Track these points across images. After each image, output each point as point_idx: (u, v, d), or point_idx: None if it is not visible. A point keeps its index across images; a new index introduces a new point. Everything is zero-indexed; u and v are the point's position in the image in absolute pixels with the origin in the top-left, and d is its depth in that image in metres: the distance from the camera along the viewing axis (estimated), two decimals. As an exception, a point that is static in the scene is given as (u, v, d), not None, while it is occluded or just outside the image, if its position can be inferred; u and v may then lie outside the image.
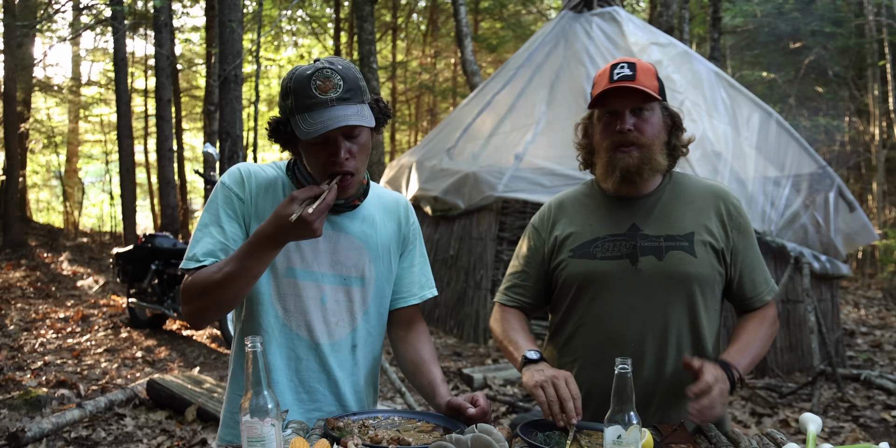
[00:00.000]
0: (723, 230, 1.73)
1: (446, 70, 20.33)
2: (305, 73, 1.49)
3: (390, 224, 1.75)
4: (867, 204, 14.37)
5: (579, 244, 1.76)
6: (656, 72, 1.71)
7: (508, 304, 1.88)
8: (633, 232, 1.72)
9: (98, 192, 21.08)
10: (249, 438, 1.22)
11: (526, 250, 1.88)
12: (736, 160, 6.31)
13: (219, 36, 6.69)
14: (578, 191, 1.87)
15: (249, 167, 1.65)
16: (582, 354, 1.78)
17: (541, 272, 1.84)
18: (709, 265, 1.70)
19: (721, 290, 1.77)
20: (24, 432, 3.73)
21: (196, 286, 1.52)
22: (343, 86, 1.49)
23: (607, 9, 7.52)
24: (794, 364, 6.03)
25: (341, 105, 1.48)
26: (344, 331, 1.68)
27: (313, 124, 1.46)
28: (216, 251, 1.56)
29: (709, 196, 1.76)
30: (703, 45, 15.64)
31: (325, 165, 1.53)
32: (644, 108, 1.66)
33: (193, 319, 1.57)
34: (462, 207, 7.05)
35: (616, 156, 1.67)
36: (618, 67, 1.66)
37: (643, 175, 1.68)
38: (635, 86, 1.63)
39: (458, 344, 6.74)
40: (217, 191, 1.62)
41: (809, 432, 1.47)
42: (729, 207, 1.75)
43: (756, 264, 1.77)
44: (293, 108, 1.50)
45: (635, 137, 1.65)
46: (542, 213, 1.88)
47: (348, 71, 1.51)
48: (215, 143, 10.09)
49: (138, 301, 6.89)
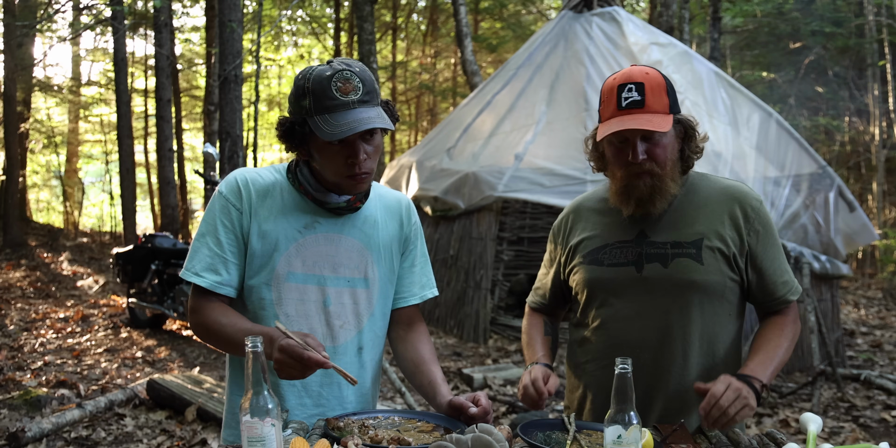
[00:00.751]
0: (737, 234, 1.68)
1: (446, 70, 20.34)
2: (324, 74, 1.48)
3: (392, 224, 1.74)
4: (867, 204, 14.37)
5: (590, 250, 1.77)
6: (666, 84, 1.63)
7: (533, 306, 1.97)
8: (640, 239, 1.71)
9: (98, 192, 21.10)
10: (249, 438, 1.22)
11: (547, 255, 1.94)
12: (736, 160, 6.31)
13: (219, 36, 6.69)
14: (597, 194, 1.86)
15: (247, 174, 1.64)
16: (592, 357, 1.80)
17: (558, 277, 1.88)
18: (717, 272, 1.66)
19: (738, 295, 1.73)
20: (24, 432, 3.73)
21: (203, 329, 1.61)
22: (363, 88, 1.50)
23: (607, 9, 7.53)
24: (794, 364, 6.03)
25: (363, 107, 1.50)
26: (349, 333, 1.67)
27: (338, 126, 1.47)
28: (215, 264, 1.59)
29: (724, 199, 1.71)
30: (703, 45, 15.65)
31: (343, 167, 1.54)
32: (655, 134, 1.61)
33: (200, 338, 1.68)
34: (462, 207, 7.05)
35: (630, 184, 1.65)
36: (625, 90, 1.60)
37: (655, 204, 1.66)
38: (644, 117, 1.57)
39: (458, 344, 6.74)
40: (214, 200, 1.63)
41: (810, 432, 1.47)
42: (746, 209, 1.69)
43: (777, 266, 1.71)
44: (311, 108, 1.50)
45: (650, 167, 1.62)
46: (561, 218, 1.90)
47: (365, 73, 1.52)
48: (215, 143, 10.09)
49: (138, 301, 6.89)
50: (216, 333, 1.57)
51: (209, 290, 1.59)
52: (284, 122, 1.57)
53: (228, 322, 1.55)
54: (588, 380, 1.80)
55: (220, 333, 1.56)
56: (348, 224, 1.66)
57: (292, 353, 1.37)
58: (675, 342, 1.68)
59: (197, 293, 1.62)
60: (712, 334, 1.70)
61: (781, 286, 1.71)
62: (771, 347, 1.65)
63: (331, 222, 1.65)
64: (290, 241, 1.61)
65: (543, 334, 1.88)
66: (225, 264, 1.59)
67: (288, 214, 1.62)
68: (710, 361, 1.71)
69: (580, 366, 1.83)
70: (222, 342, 1.58)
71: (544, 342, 1.85)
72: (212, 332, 1.58)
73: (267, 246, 1.60)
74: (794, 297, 1.73)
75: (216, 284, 1.59)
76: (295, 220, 1.62)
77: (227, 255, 1.59)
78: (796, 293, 1.74)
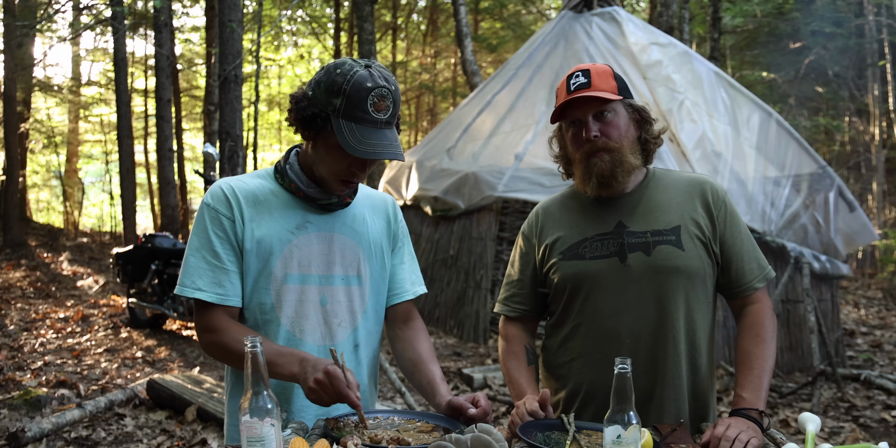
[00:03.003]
0: (709, 220, 1.73)
1: (446, 70, 20.34)
2: (365, 84, 1.48)
3: (380, 222, 1.77)
4: (867, 204, 14.37)
5: (568, 246, 1.78)
6: (613, 72, 1.72)
7: (511, 314, 1.90)
8: (619, 229, 1.74)
9: (98, 192, 21.09)
10: (249, 438, 1.22)
11: (518, 258, 1.90)
12: (736, 160, 6.31)
13: (219, 36, 6.69)
14: (563, 195, 1.89)
15: (231, 183, 1.64)
16: (579, 354, 1.78)
17: (535, 278, 1.86)
18: (697, 258, 1.70)
19: (713, 282, 1.76)
20: (24, 432, 3.73)
21: (220, 348, 1.58)
22: (392, 109, 1.53)
23: (607, 9, 7.52)
24: (794, 364, 6.03)
25: (387, 129, 1.53)
26: (346, 331, 1.68)
27: (362, 142, 1.49)
28: (217, 277, 1.58)
29: (692, 188, 1.77)
30: (703, 45, 15.64)
31: (343, 172, 1.58)
32: (606, 112, 1.68)
33: (213, 357, 1.67)
34: (462, 207, 7.05)
35: (590, 163, 1.71)
36: (573, 77, 1.70)
37: (618, 178, 1.70)
38: (591, 93, 1.66)
39: (458, 344, 6.74)
40: (202, 212, 1.62)
41: (808, 432, 1.47)
42: (714, 197, 1.75)
43: (745, 251, 1.75)
44: (341, 110, 1.50)
45: (604, 143, 1.68)
46: (530, 220, 1.90)
47: (398, 93, 1.55)
48: (215, 143, 10.09)
49: (138, 301, 6.89)
50: (240, 353, 1.51)
51: (216, 304, 1.58)
52: (304, 105, 1.54)
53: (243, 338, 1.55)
54: (576, 378, 1.78)
55: (235, 350, 1.53)
56: (339, 222, 1.68)
57: (335, 383, 1.40)
58: (665, 329, 1.70)
59: (203, 309, 1.59)
60: (696, 320, 1.73)
61: (749, 272, 1.74)
62: (756, 363, 1.67)
63: (322, 221, 1.66)
64: (284, 244, 1.61)
65: (527, 364, 1.83)
66: (227, 274, 1.59)
67: (279, 217, 1.62)
68: (693, 349, 1.73)
69: (563, 366, 1.81)
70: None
71: (529, 377, 1.80)
72: (234, 353, 1.54)
73: (263, 251, 1.60)
74: (761, 284, 1.75)
75: (222, 297, 1.58)
76: (286, 222, 1.63)
77: (227, 264, 1.59)
78: (764, 280, 1.76)
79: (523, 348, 1.85)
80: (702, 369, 1.75)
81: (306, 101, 1.54)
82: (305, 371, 1.44)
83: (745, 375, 1.66)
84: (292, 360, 1.48)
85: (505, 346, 1.88)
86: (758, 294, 1.76)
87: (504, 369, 1.86)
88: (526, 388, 1.76)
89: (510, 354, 1.85)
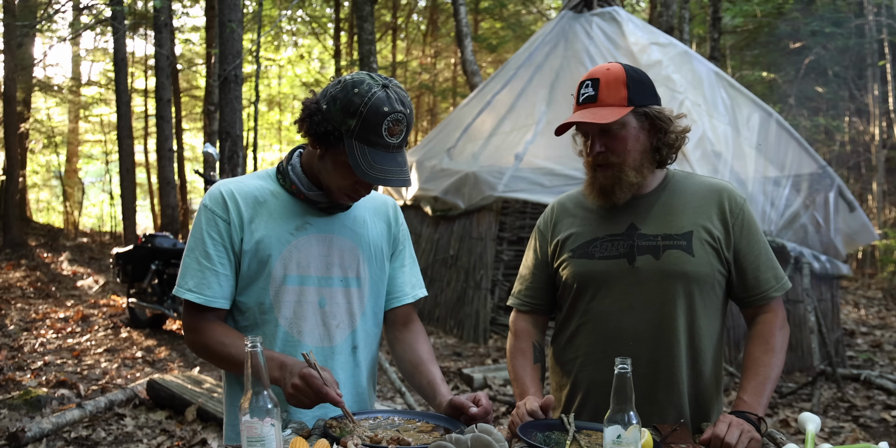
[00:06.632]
0: (724, 228, 1.72)
1: (446, 70, 20.33)
2: (382, 108, 1.47)
3: (380, 224, 1.76)
4: (867, 204, 14.37)
5: (579, 244, 1.78)
6: (626, 76, 1.67)
7: (522, 308, 1.90)
8: (631, 231, 1.73)
9: (98, 192, 21.09)
10: (249, 438, 1.22)
11: (532, 252, 1.90)
12: (736, 160, 6.31)
13: (219, 36, 6.68)
14: (580, 191, 1.88)
15: (230, 185, 1.64)
16: (583, 353, 1.79)
17: (547, 273, 1.86)
18: (707, 264, 1.69)
19: (723, 289, 1.75)
20: (24, 432, 3.73)
21: (202, 348, 1.61)
22: (404, 133, 1.53)
23: (607, 9, 7.52)
24: (794, 364, 6.03)
25: (397, 152, 1.53)
26: (344, 333, 1.68)
27: (373, 167, 1.49)
28: (206, 278, 1.59)
29: (710, 194, 1.75)
30: (703, 45, 15.64)
31: (348, 188, 1.58)
32: (612, 125, 1.66)
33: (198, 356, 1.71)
34: (462, 207, 7.05)
35: (593, 176, 1.73)
36: (583, 86, 1.70)
37: (616, 193, 1.71)
38: (595, 110, 1.65)
39: (458, 344, 6.74)
40: (200, 214, 1.62)
41: (808, 432, 1.47)
42: (732, 205, 1.73)
43: (762, 261, 1.73)
44: (356, 132, 1.49)
45: (604, 158, 1.69)
46: (546, 215, 1.90)
47: (412, 116, 1.54)
48: (215, 143, 10.09)
49: (138, 301, 6.89)
50: (218, 354, 1.58)
51: (203, 305, 1.59)
52: (318, 120, 1.51)
53: (231, 342, 1.56)
54: (578, 376, 1.79)
55: (222, 354, 1.57)
56: (338, 224, 1.68)
57: (312, 384, 1.41)
58: (668, 333, 1.70)
59: (191, 310, 1.61)
60: (700, 326, 1.72)
61: (765, 282, 1.73)
62: (762, 370, 1.67)
63: (321, 222, 1.66)
64: (283, 245, 1.61)
65: (533, 362, 1.83)
66: (216, 277, 1.59)
67: (279, 218, 1.62)
68: (695, 354, 1.73)
69: (568, 363, 1.82)
70: (224, 362, 1.60)
71: (534, 376, 1.80)
72: (213, 352, 1.59)
73: (262, 252, 1.60)
74: (777, 294, 1.75)
75: (209, 299, 1.59)
76: (286, 223, 1.62)
77: (217, 266, 1.59)
78: (781, 290, 1.75)
79: (531, 345, 1.85)
80: (705, 375, 1.74)
81: (320, 116, 1.52)
82: (284, 377, 1.47)
83: (749, 381, 1.67)
84: (273, 364, 1.49)
85: (513, 342, 1.88)
86: (772, 304, 1.75)
87: (510, 366, 1.86)
88: (529, 387, 1.75)
89: (517, 351, 1.85)
